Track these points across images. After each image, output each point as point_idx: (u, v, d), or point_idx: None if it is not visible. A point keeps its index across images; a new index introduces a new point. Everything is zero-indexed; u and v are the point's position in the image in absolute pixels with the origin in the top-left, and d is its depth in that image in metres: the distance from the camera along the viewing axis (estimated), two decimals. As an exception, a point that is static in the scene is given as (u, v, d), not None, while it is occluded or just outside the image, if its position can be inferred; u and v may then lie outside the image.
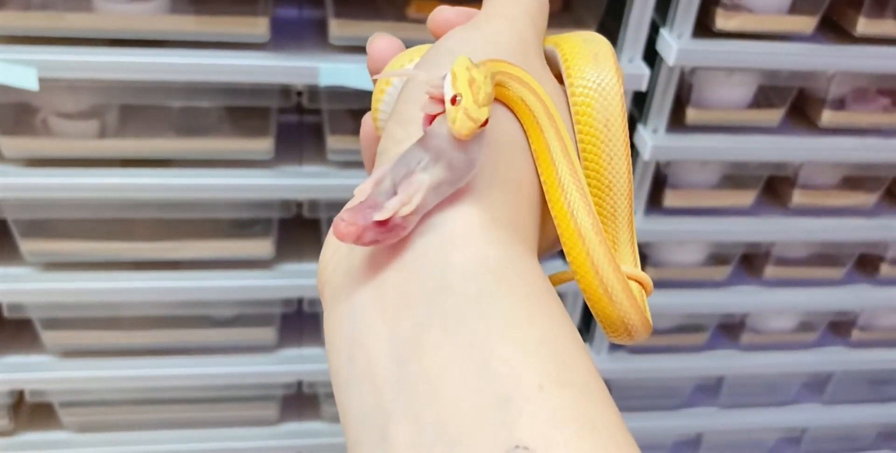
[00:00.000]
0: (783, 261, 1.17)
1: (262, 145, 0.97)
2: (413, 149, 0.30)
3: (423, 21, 0.89)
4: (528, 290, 0.29)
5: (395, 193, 0.29)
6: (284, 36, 0.93)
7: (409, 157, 0.30)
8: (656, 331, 1.20)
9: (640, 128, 1.01)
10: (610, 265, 0.34)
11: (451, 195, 0.30)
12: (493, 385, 0.26)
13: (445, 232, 0.30)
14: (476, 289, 0.28)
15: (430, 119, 0.31)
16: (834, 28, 1.00)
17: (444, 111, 0.30)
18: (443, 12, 0.41)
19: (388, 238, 0.29)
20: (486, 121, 0.30)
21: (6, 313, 1.02)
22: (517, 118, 0.35)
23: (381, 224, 0.29)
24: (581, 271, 0.34)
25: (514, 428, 0.25)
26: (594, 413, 0.26)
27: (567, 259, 0.34)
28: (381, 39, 0.42)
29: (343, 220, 0.28)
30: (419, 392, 0.27)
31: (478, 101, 0.30)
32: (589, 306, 0.35)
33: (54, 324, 1.05)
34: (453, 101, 0.30)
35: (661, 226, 1.07)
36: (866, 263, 1.22)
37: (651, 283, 0.38)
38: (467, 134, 0.29)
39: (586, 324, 1.19)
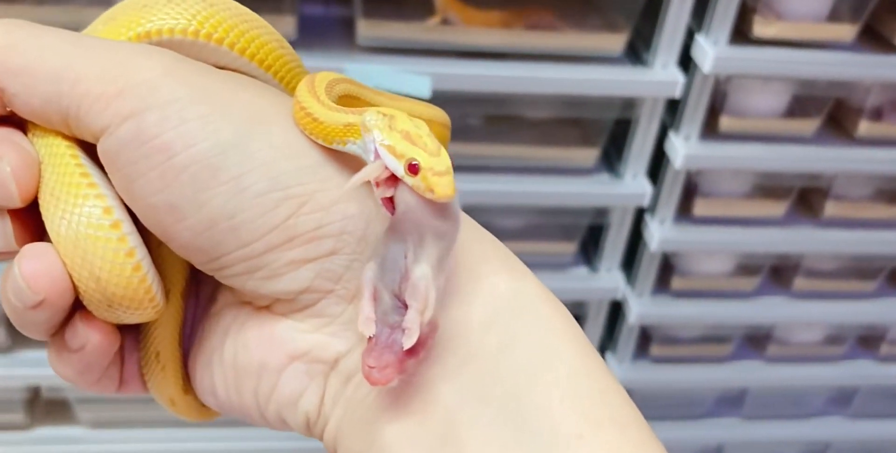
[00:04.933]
0: (813, 273, 1.15)
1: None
2: (387, 247, 0.26)
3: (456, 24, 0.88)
4: (547, 316, 0.28)
5: (402, 305, 0.25)
6: (311, 35, 0.91)
7: (389, 259, 0.25)
8: (680, 341, 1.18)
9: (672, 135, 0.99)
10: None
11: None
12: (533, 446, 0.25)
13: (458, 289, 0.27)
14: (496, 340, 0.27)
15: (389, 203, 0.26)
16: (874, 37, 0.98)
17: (391, 182, 0.26)
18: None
19: (425, 351, 0.25)
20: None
21: (23, 309, 1.01)
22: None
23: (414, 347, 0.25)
24: None
25: None
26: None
27: None
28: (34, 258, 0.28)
29: (371, 367, 0.24)
30: None
31: (431, 151, 0.25)
32: None
33: (71, 320, 1.04)
34: (413, 170, 0.25)
35: (690, 235, 1.05)
36: (899, 277, 1.19)
37: None
38: (453, 192, 0.25)
39: (610, 333, 1.17)
